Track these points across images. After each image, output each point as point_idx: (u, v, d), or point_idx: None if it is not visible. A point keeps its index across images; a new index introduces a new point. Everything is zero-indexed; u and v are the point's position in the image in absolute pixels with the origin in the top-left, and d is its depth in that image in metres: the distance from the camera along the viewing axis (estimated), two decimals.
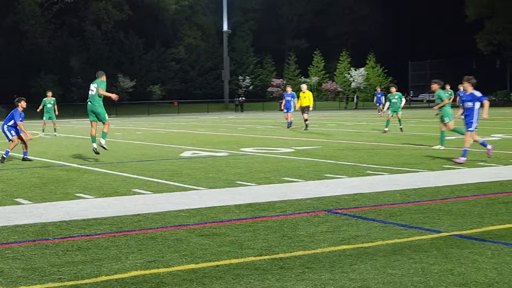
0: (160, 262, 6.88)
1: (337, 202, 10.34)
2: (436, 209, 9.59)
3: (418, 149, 19.43)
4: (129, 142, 25.38)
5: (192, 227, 8.62)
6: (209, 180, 13.29)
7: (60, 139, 28.96)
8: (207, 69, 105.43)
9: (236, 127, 36.36)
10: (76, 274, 6.49)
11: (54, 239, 8.05)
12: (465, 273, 6.26)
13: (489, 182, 12.24)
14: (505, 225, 8.38)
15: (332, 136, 26.59)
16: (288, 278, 6.21)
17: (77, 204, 10.60)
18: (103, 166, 16.38)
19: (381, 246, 7.36)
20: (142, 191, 11.89)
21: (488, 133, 26.11)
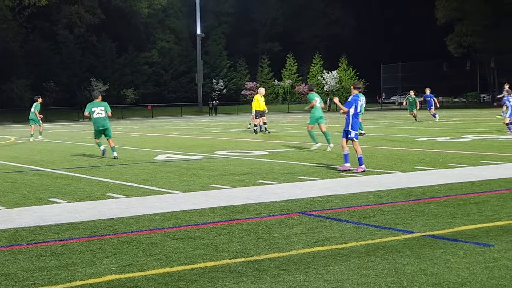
0: (135, 266, 6.87)
1: (311, 204, 10.39)
2: (408, 210, 9.67)
3: (390, 151, 19.56)
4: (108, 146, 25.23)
5: (166, 231, 8.62)
6: (183, 183, 13.28)
7: (33, 144, 28.72)
8: (180, 72, 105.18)
9: (210, 130, 36.33)
10: (50, 279, 6.46)
11: (27, 244, 8.00)
12: (438, 273, 6.32)
13: (460, 182, 12.37)
14: (476, 225, 8.48)
15: (306, 138, 26.65)
16: (263, 280, 6.24)
17: (51, 209, 10.54)
18: (76, 171, 16.29)
19: (354, 247, 7.42)
20: (116, 195, 11.85)
21: (458, 134, 26.37)
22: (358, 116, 15.17)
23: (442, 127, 32.75)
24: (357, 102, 15.01)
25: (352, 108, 14.91)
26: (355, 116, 14.96)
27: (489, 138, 23.94)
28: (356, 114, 14.98)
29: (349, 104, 14.99)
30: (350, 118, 14.93)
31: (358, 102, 15.07)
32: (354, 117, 14.94)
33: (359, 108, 15.17)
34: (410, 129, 31.56)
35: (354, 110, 14.94)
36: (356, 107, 14.98)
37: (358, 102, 15.10)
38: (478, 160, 16.17)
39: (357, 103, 15.01)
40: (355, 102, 14.97)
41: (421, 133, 28.30)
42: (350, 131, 14.97)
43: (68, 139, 31.07)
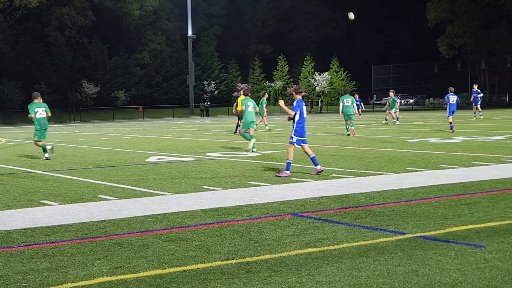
0: (127, 268, 6.86)
1: (302, 205, 10.40)
2: (400, 211, 9.69)
3: (382, 152, 19.60)
4: (94, 148, 25.21)
5: (158, 233, 8.61)
6: (175, 185, 13.27)
7: (24, 146, 28.63)
8: (172, 74, 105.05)
9: (201, 132, 36.31)
10: (42, 281, 6.44)
11: (18, 247, 7.98)
12: (429, 274, 6.34)
13: (451, 184, 12.40)
14: (468, 226, 8.50)
15: None
16: (255, 282, 6.24)
17: (42, 211, 10.51)
18: (68, 173, 16.25)
19: (346, 249, 7.43)
20: (107, 197, 11.83)
21: (450, 135, 26.44)
22: (304, 122, 14.76)
23: (434, 128, 32.82)
24: (301, 107, 14.71)
25: (298, 111, 14.65)
26: (299, 121, 14.67)
27: (480, 139, 24.01)
28: (301, 120, 14.68)
29: (295, 108, 14.76)
30: (294, 124, 14.73)
31: (302, 107, 14.74)
32: (297, 123, 14.68)
33: (305, 113, 14.80)
34: (401, 131, 31.63)
35: (300, 116, 14.66)
36: (302, 113, 14.69)
37: (303, 108, 14.76)
38: (469, 161, 16.22)
39: (301, 109, 14.71)
40: (299, 107, 14.71)
41: (412, 134, 28.37)
42: (292, 136, 14.76)
43: (59, 141, 31.00)
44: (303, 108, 14.78)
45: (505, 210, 9.58)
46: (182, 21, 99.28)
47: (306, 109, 14.90)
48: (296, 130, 14.69)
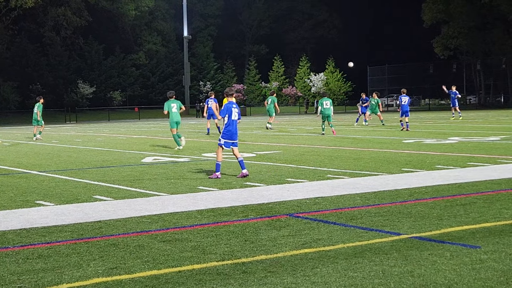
0: (122, 268, 6.85)
1: (298, 206, 10.40)
2: (395, 211, 9.70)
3: (378, 153, 19.62)
4: (90, 149, 25.19)
5: (154, 233, 8.61)
6: (170, 185, 13.27)
7: (19, 146, 28.59)
8: (167, 74, 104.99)
9: (197, 132, 36.29)
10: (37, 282, 6.43)
11: (14, 247, 7.97)
12: (424, 274, 6.35)
13: (447, 184, 12.42)
14: (463, 227, 8.51)
15: (293, 140, 26.71)
16: (250, 282, 6.24)
17: (37, 211, 10.50)
18: (63, 173, 16.23)
19: (342, 249, 7.43)
20: (103, 197, 11.82)
21: (445, 136, 26.48)
22: (233, 124, 14.59)
23: (429, 129, 32.86)
24: (230, 110, 14.60)
25: (226, 116, 14.61)
26: (228, 124, 14.59)
27: (475, 140, 24.05)
28: (230, 123, 14.59)
29: (222, 112, 14.68)
30: (223, 127, 14.71)
31: (232, 109, 14.62)
32: (226, 126, 14.62)
33: (237, 116, 14.70)
34: (397, 131, 31.66)
35: (228, 119, 14.60)
36: (230, 116, 14.60)
37: (233, 110, 14.63)
38: (465, 162, 16.24)
39: (230, 111, 14.60)
40: (227, 110, 14.61)
41: (408, 135, 28.40)
42: (220, 138, 14.71)
43: (55, 142, 30.96)
44: (232, 111, 14.62)
45: (501, 210, 9.60)
46: (178, 21, 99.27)
47: (237, 111, 14.78)
48: (224, 133, 14.60)
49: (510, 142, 22.65)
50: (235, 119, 14.66)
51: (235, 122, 14.66)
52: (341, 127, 38.34)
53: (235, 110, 14.69)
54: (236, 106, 14.80)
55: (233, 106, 14.69)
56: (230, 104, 14.69)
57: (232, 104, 14.72)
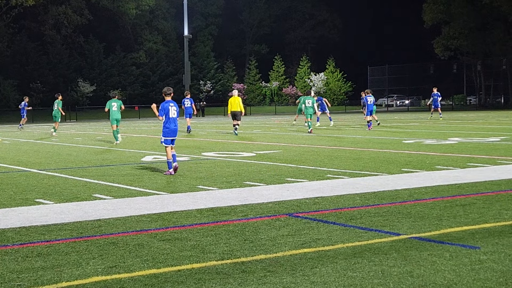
0: (122, 267, 6.85)
1: (298, 205, 10.40)
2: (395, 212, 9.70)
3: (377, 153, 19.62)
4: (90, 147, 25.19)
5: (153, 232, 8.61)
6: (170, 184, 13.27)
7: (19, 145, 28.59)
8: (168, 73, 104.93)
9: (197, 132, 36.28)
10: (36, 280, 6.43)
11: (13, 245, 7.97)
12: (424, 275, 6.35)
13: (447, 185, 12.42)
14: (463, 227, 8.52)
15: (293, 140, 26.71)
16: (250, 282, 6.24)
17: (37, 209, 10.50)
18: (63, 171, 16.23)
19: (341, 249, 7.43)
20: (103, 196, 11.82)
21: (445, 136, 26.48)
22: (172, 122, 15.39)
23: (429, 130, 32.87)
24: (167, 109, 15.30)
25: (164, 115, 15.38)
26: (166, 122, 15.35)
27: (475, 140, 24.05)
28: (168, 121, 15.32)
29: (160, 112, 15.43)
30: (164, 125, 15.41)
31: (169, 108, 15.34)
32: (164, 124, 15.38)
33: (175, 114, 15.45)
34: (396, 132, 31.66)
35: (166, 118, 15.32)
36: (167, 115, 15.30)
37: (170, 108, 15.31)
38: (465, 163, 16.25)
39: (167, 110, 15.30)
40: (164, 109, 15.32)
41: (408, 135, 28.41)
42: (162, 137, 15.56)
43: (55, 140, 30.96)
44: (170, 110, 15.34)
45: (500, 211, 9.60)
46: (179, 20, 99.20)
47: (175, 109, 15.50)
48: (164, 131, 15.46)
49: (510, 143, 22.66)
50: (174, 117, 15.45)
51: (174, 120, 15.47)
52: (340, 127, 38.33)
53: (173, 108, 15.51)
54: (174, 104, 15.56)
55: (170, 105, 15.46)
56: (167, 104, 15.45)
57: (169, 103, 15.50)
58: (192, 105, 35.00)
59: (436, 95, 46.92)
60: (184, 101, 35.11)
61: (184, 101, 35.11)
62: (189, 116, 35.20)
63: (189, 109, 34.89)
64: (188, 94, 35.97)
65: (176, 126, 15.61)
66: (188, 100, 34.88)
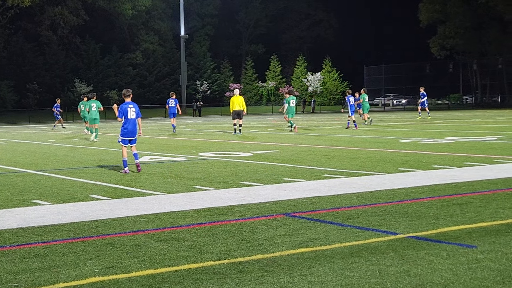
0: (119, 268, 6.85)
1: (295, 205, 10.40)
2: (392, 211, 9.71)
3: (374, 153, 19.63)
4: (86, 148, 25.16)
5: (150, 232, 8.61)
6: (167, 185, 13.26)
7: (16, 145, 28.57)
8: (164, 74, 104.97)
9: (194, 132, 36.28)
10: (33, 281, 6.43)
11: (10, 246, 7.96)
12: (421, 274, 6.35)
13: (443, 184, 12.43)
14: (459, 226, 8.52)
15: (290, 140, 26.71)
16: (247, 282, 6.24)
17: (34, 210, 10.49)
18: (60, 172, 16.22)
19: (338, 249, 7.44)
20: (99, 196, 11.82)
21: (442, 136, 26.50)
22: (130, 122, 15.88)
23: (426, 129, 32.90)
24: (126, 110, 15.83)
25: (123, 116, 15.92)
26: (124, 123, 15.88)
27: (472, 139, 24.08)
28: (126, 122, 15.86)
29: (119, 113, 15.96)
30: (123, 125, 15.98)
31: (127, 110, 15.85)
32: (123, 124, 15.93)
33: (134, 115, 15.90)
34: (393, 131, 31.68)
35: (124, 119, 15.85)
36: (126, 117, 15.83)
37: (129, 110, 15.81)
38: (461, 162, 16.26)
39: (126, 112, 15.83)
40: (123, 111, 15.86)
41: (404, 134, 28.43)
42: (119, 136, 16.18)
43: (52, 141, 30.93)
44: (128, 111, 15.85)
45: (497, 210, 9.61)
46: (175, 21, 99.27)
47: (134, 110, 15.94)
48: (122, 131, 16.00)
49: (506, 142, 22.68)
50: (132, 118, 15.92)
51: (132, 121, 15.94)
52: (337, 127, 38.35)
53: (132, 110, 15.95)
54: (133, 106, 16.01)
55: (129, 106, 15.93)
56: (126, 105, 15.95)
57: (128, 104, 15.97)
58: (177, 105, 36.29)
59: (423, 95, 48.01)
60: (169, 101, 36.45)
61: (169, 101, 36.45)
62: (173, 116, 36.69)
63: (173, 109, 36.18)
64: (173, 94, 37.16)
65: (135, 126, 16.08)
66: (173, 101, 36.34)
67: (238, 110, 32.37)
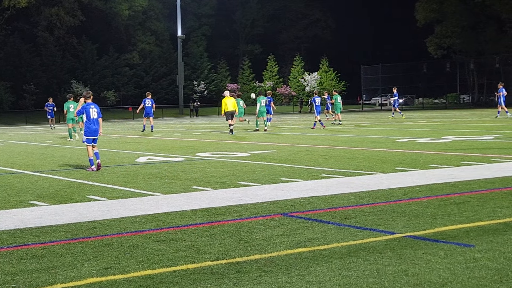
0: (117, 268, 6.85)
1: (292, 205, 10.40)
2: (389, 210, 9.71)
3: (372, 152, 19.63)
4: (84, 148, 25.11)
5: (148, 233, 8.60)
6: (165, 185, 13.26)
7: (13, 146, 28.53)
8: (161, 74, 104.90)
9: (191, 132, 36.27)
10: (31, 282, 6.42)
11: (7, 247, 7.95)
12: (419, 273, 6.36)
13: (441, 183, 12.44)
14: (457, 226, 8.53)
15: (287, 140, 26.72)
16: (245, 282, 6.24)
17: (31, 211, 10.48)
18: (57, 173, 16.20)
19: (336, 248, 7.44)
20: (97, 197, 11.81)
21: (439, 135, 26.52)
22: (92, 122, 16.60)
23: (423, 128, 32.92)
24: (88, 110, 16.56)
25: (81, 114, 16.87)
26: (88, 123, 16.58)
27: (469, 139, 24.10)
28: (89, 121, 16.53)
29: (79, 111, 16.86)
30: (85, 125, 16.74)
31: (89, 110, 16.57)
32: (85, 124, 16.66)
33: (96, 115, 16.65)
34: (391, 130, 31.70)
35: (87, 118, 16.58)
36: (88, 116, 16.56)
37: (90, 110, 16.55)
38: (459, 161, 16.27)
39: (88, 112, 16.56)
40: (84, 110, 16.63)
41: (402, 134, 28.44)
42: (83, 136, 16.85)
43: (49, 141, 30.91)
44: (90, 111, 16.57)
45: (494, 209, 9.62)
46: (172, 21, 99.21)
47: (95, 110, 16.69)
48: (85, 131, 16.71)
49: (503, 141, 22.70)
50: (95, 118, 16.65)
51: (94, 121, 16.67)
52: (335, 126, 38.36)
53: (94, 110, 16.68)
54: (94, 106, 16.73)
55: (90, 107, 16.67)
56: (88, 105, 16.68)
57: (90, 105, 16.71)
58: (153, 105, 37.61)
59: (396, 95, 49.04)
60: (145, 101, 37.59)
61: (145, 101, 37.59)
62: (147, 116, 37.89)
63: (149, 109, 37.42)
64: (149, 95, 38.44)
65: (97, 126, 16.75)
66: (149, 101, 37.57)
67: (231, 111, 32.90)
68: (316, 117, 37.26)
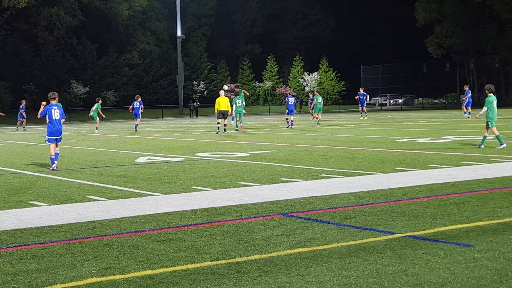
0: (116, 268, 6.85)
1: (292, 205, 10.40)
2: (389, 210, 9.71)
3: (371, 152, 19.64)
4: (83, 149, 25.14)
5: (148, 233, 8.60)
6: (164, 185, 13.26)
7: (13, 147, 28.53)
8: (161, 74, 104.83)
9: (191, 132, 36.27)
10: (31, 282, 6.42)
11: (7, 248, 7.95)
12: (418, 273, 6.36)
13: (440, 183, 12.44)
14: (457, 226, 8.53)
15: (287, 140, 26.71)
16: (245, 282, 6.24)
17: (31, 211, 10.48)
18: (57, 173, 16.20)
19: (336, 248, 7.44)
20: (97, 197, 11.81)
21: (439, 135, 26.52)
22: (55, 123, 17.15)
23: (423, 128, 32.92)
24: (50, 111, 17.10)
25: (46, 116, 17.24)
26: (50, 123, 17.11)
27: (469, 139, 24.10)
28: (51, 122, 17.08)
29: (42, 112, 17.36)
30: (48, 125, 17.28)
31: (52, 111, 17.12)
32: (48, 124, 17.18)
33: (58, 115, 17.18)
34: (390, 130, 31.71)
35: (49, 119, 17.10)
36: (50, 116, 17.09)
37: (53, 111, 17.09)
38: (458, 161, 16.27)
39: (50, 112, 17.10)
40: (47, 111, 17.17)
41: (401, 134, 28.45)
42: (46, 135, 17.41)
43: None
44: (53, 112, 17.13)
45: (494, 209, 9.62)
46: (171, 21, 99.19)
47: (58, 111, 17.23)
48: (48, 131, 17.27)
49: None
50: (57, 118, 17.21)
51: (56, 121, 17.21)
52: (334, 127, 38.37)
53: (56, 111, 17.24)
54: (57, 107, 17.29)
55: (53, 108, 17.21)
56: (51, 106, 17.20)
57: (53, 106, 17.24)
58: (141, 106, 40.47)
59: (363, 95, 49.47)
60: (134, 103, 40.81)
61: (134, 103, 40.81)
62: (135, 117, 40.66)
63: (136, 110, 40.42)
64: (138, 97, 41.56)
65: (60, 127, 17.29)
66: (137, 103, 40.69)
67: (223, 110, 33.84)
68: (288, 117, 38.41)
